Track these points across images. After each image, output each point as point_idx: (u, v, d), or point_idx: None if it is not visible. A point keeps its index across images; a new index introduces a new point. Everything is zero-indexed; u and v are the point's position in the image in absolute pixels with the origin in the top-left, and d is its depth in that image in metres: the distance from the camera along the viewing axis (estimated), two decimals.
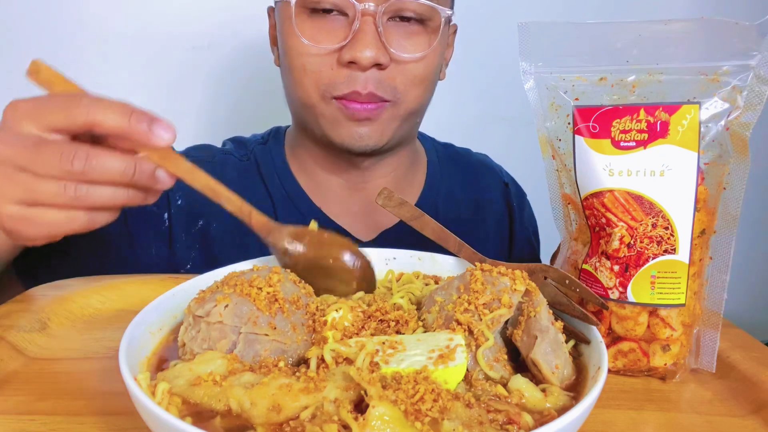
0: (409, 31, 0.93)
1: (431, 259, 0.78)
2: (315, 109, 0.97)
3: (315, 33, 0.92)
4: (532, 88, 0.66)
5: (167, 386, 0.47)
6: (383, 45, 0.90)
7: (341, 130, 0.97)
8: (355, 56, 0.88)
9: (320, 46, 0.91)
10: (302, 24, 0.92)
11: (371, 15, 0.88)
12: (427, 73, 0.97)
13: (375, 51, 0.89)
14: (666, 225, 0.60)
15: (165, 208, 1.04)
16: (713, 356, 0.63)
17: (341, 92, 0.92)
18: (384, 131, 0.98)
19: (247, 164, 1.11)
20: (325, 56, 0.92)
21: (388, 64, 0.92)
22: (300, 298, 0.59)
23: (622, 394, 0.61)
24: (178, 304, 0.62)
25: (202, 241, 1.04)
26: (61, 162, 0.55)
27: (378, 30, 0.89)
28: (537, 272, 0.64)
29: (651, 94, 0.61)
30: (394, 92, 0.95)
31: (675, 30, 0.61)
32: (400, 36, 0.93)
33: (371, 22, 0.89)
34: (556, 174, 0.68)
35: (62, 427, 0.52)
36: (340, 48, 0.91)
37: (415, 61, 0.94)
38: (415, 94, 0.97)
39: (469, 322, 0.54)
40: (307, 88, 0.95)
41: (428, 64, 0.96)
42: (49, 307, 0.73)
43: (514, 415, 0.47)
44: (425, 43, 0.94)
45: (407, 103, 0.98)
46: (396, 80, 0.94)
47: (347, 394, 0.46)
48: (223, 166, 1.09)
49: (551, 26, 0.65)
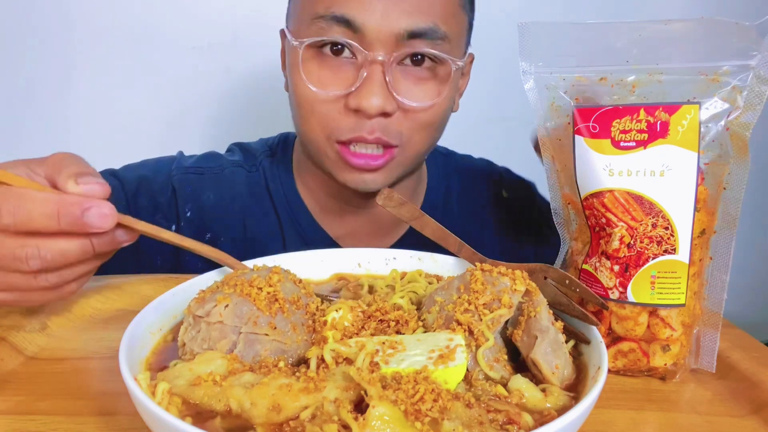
0: (418, 77, 0.91)
1: (431, 259, 0.78)
2: (320, 147, 0.95)
3: (323, 78, 0.89)
4: (532, 88, 0.66)
5: (167, 386, 0.47)
6: (390, 93, 0.88)
7: (345, 174, 0.95)
8: (362, 105, 0.86)
9: (327, 92, 0.89)
10: (310, 69, 0.90)
11: (379, 63, 0.86)
12: (434, 119, 0.95)
13: (381, 100, 0.86)
14: (666, 225, 0.60)
15: (174, 220, 1.04)
16: (713, 356, 0.63)
17: (346, 137, 0.91)
18: (388, 177, 0.97)
19: (255, 176, 1.11)
20: (331, 102, 0.90)
21: (395, 112, 0.90)
22: (300, 298, 0.59)
23: (622, 394, 0.61)
24: (178, 304, 0.62)
25: None
26: (18, 264, 0.56)
27: (386, 79, 0.87)
28: (537, 272, 0.64)
29: (651, 94, 0.61)
30: (400, 137, 0.93)
31: (675, 30, 0.61)
32: (410, 83, 0.90)
33: (379, 70, 0.86)
34: (556, 174, 0.68)
35: (62, 427, 0.52)
36: (347, 94, 0.88)
37: (423, 109, 0.91)
38: (420, 138, 0.95)
39: (469, 322, 0.54)
40: (314, 127, 0.94)
41: (436, 111, 0.94)
42: (49, 307, 0.73)
43: (514, 415, 0.47)
44: (434, 91, 0.92)
45: (413, 146, 0.96)
46: (402, 126, 0.92)
47: (347, 394, 0.46)
48: (232, 178, 1.09)
49: (551, 26, 0.65)
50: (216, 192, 1.06)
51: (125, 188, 1.04)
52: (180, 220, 1.04)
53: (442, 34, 0.87)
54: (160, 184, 1.06)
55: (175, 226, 1.04)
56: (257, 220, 1.07)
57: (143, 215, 1.00)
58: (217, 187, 1.07)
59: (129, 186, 1.04)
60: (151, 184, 1.06)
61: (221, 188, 1.07)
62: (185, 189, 1.06)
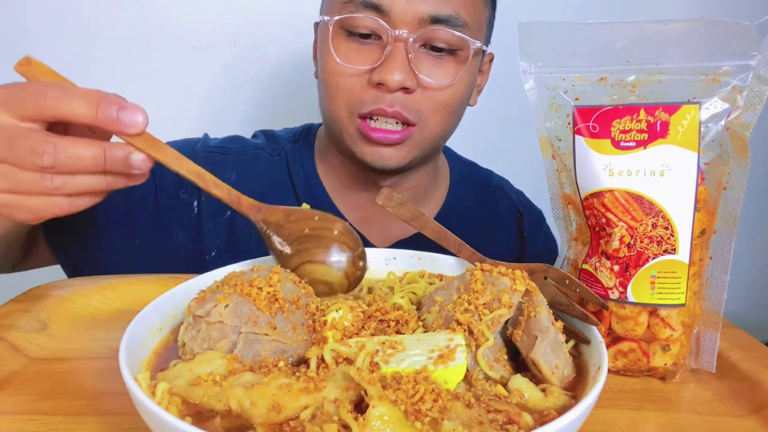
0: (438, 60, 0.96)
1: (431, 259, 0.78)
2: (342, 123, 1.00)
3: (349, 54, 0.95)
4: (532, 88, 0.66)
5: (167, 386, 0.47)
6: (412, 70, 0.93)
7: (364, 148, 1.00)
8: (384, 78, 0.92)
9: (353, 67, 0.95)
10: (338, 45, 0.96)
11: (403, 41, 0.92)
12: (452, 101, 0.99)
13: (403, 75, 0.92)
14: (666, 225, 0.60)
15: (195, 195, 1.07)
16: (713, 356, 0.63)
17: (367, 109, 0.95)
18: (406, 154, 1.01)
19: (277, 160, 1.14)
20: (356, 76, 0.95)
21: (415, 89, 0.95)
22: (300, 298, 0.59)
23: (622, 394, 0.61)
24: (178, 304, 0.62)
25: (228, 230, 1.07)
26: (32, 158, 0.56)
27: (408, 56, 0.92)
28: (537, 272, 0.64)
29: (651, 94, 0.61)
30: (419, 115, 0.97)
31: (675, 30, 0.61)
32: (429, 63, 0.96)
33: (402, 48, 0.92)
34: (556, 174, 0.68)
35: (62, 427, 0.52)
36: (371, 70, 0.94)
37: (441, 88, 0.96)
38: (438, 119, 1.00)
39: (469, 322, 0.54)
40: (338, 104, 0.99)
41: (454, 92, 0.98)
42: (49, 307, 0.73)
43: (514, 415, 0.47)
44: (453, 72, 0.97)
45: (431, 127, 1.00)
46: (421, 104, 0.97)
47: (347, 394, 0.46)
48: (255, 160, 1.13)
49: (551, 26, 0.65)
50: (238, 172, 1.09)
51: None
52: (202, 195, 1.07)
53: (462, 22, 0.94)
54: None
55: (197, 202, 1.07)
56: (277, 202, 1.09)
57: (169, 191, 1.06)
58: (240, 167, 1.11)
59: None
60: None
61: (243, 168, 1.11)
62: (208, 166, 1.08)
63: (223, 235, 1.07)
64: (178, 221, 1.06)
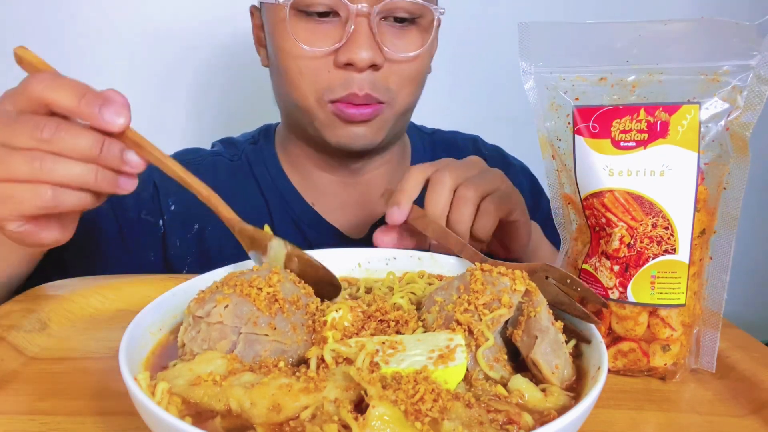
0: (402, 31, 0.94)
1: (431, 258, 0.78)
2: (311, 111, 0.96)
3: (309, 36, 0.91)
4: (532, 88, 0.66)
5: (167, 386, 0.47)
6: (378, 45, 0.90)
7: (337, 131, 0.97)
8: (352, 58, 0.88)
9: (316, 49, 0.91)
10: (296, 26, 0.91)
11: (365, 16, 0.88)
12: (419, 72, 0.98)
13: (371, 52, 0.89)
14: (666, 225, 0.60)
15: (159, 215, 1.04)
16: (713, 356, 0.63)
17: (338, 95, 0.92)
18: (379, 131, 0.99)
19: (239, 164, 1.11)
20: (320, 59, 0.91)
21: (383, 65, 0.92)
22: (300, 298, 0.59)
23: (622, 394, 0.61)
24: (178, 304, 0.62)
25: (198, 245, 1.04)
26: (33, 130, 0.56)
27: (372, 31, 0.89)
28: (539, 272, 0.63)
29: (651, 94, 0.61)
30: (388, 92, 0.95)
31: (675, 30, 0.61)
32: (394, 36, 0.93)
33: (365, 23, 0.89)
34: (556, 174, 0.68)
35: (62, 427, 0.52)
36: (336, 50, 0.90)
37: (408, 60, 0.94)
38: (407, 92, 0.98)
39: (469, 322, 0.54)
40: (304, 91, 0.95)
41: (420, 63, 0.97)
42: (49, 307, 0.73)
43: (514, 415, 0.47)
44: (418, 42, 0.95)
45: (400, 102, 0.98)
46: (389, 80, 0.94)
47: (347, 394, 0.46)
48: (213, 168, 1.09)
49: (551, 26, 0.65)
50: None
51: None
52: (164, 213, 1.04)
53: None
54: (141, 180, 1.03)
55: (162, 221, 1.04)
56: (244, 205, 1.00)
57: (129, 213, 1.02)
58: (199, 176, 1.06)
59: None
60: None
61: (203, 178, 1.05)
62: (167, 181, 1.05)
63: (192, 251, 1.04)
64: (146, 243, 1.03)
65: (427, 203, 0.80)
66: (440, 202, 0.79)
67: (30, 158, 0.56)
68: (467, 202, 0.79)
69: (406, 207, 0.80)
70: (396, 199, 0.81)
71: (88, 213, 0.94)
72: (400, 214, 0.80)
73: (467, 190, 0.80)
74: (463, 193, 0.80)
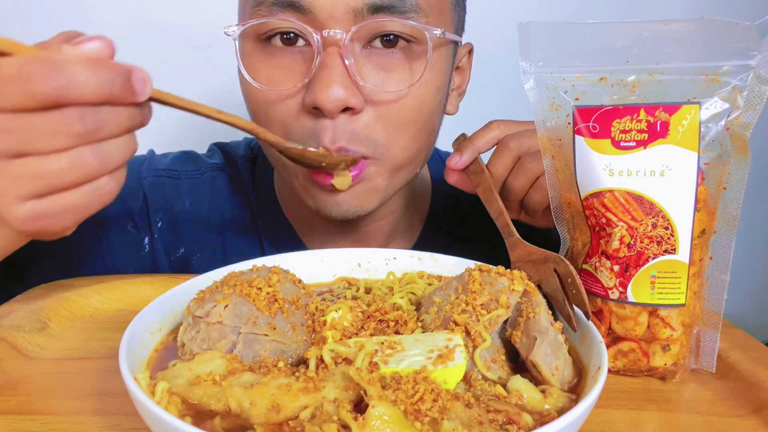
0: (388, 61, 0.73)
1: (431, 259, 0.78)
2: (287, 170, 0.80)
3: (272, 72, 0.73)
4: (532, 88, 0.66)
5: (167, 386, 0.47)
6: (353, 81, 0.70)
7: (316, 198, 0.79)
8: (318, 99, 0.68)
9: (275, 90, 0.73)
10: (257, 63, 0.74)
11: (336, 44, 0.69)
12: (417, 113, 0.76)
13: (342, 90, 0.68)
14: (666, 225, 0.60)
15: (146, 231, 0.93)
16: (713, 356, 0.63)
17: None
18: (367, 196, 0.80)
19: (237, 181, 0.99)
20: (288, 102, 0.73)
21: (362, 107, 0.72)
22: (300, 298, 0.59)
23: (622, 394, 0.61)
24: (178, 304, 0.62)
25: (182, 270, 0.94)
26: (68, 125, 0.44)
27: (345, 63, 0.69)
28: (549, 262, 0.61)
29: (651, 94, 0.61)
30: (374, 145, 0.75)
31: (675, 30, 0.61)
32: (376, 68, 0.73)
33: (336, 53, 0.69)
34: (556, 174, 0.68)
35: (62, 427, 0.52)
36: (302, 89, 0.72)
37: (397, 99, 0.73)
38: (403, 143, 0.77)
39: (467, 322, 0.54)
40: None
41: (417, 102, 0.75)
42: (49, 307, 0.73)
43: (513, 415, 0.47)
44: (409, 74, 0.74)
45: (393, 157, 0.78)
46: (375, 129, 0.74)
47: (347, 394, 0.46)
48: (212, 184, 0.97)
49: (551, 26, 0.65)
50: (192, 199, 0.92)
51: None
52: (153, 232, 0.92)
53: (412, 5, 0.70)
54: (130, 189, 0.91)
55: (148, 239, 0.92)
56: (236, 235, 0.95)
57: (113, 226, 0.90)
58: (194, 193, 0.94)
59: None
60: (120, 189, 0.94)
61: (198, 195, 0.94)
62: (157, 195, 0.93)
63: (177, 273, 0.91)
64: (128, 259, 0.91)
65: (490, 162, 0.80)
66: (500, 166, 0.79)
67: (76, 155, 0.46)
68: (526, 173, 0.78)
69: (468, 159, 0.80)
70: (463, 147, 0.81)
71: None
72: (459, 163, 0.80)
73: (531, 161, 0.78)
74: (525, 163, 0.78)
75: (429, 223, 1.03)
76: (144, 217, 0.92)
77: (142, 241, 0.92)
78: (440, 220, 1.04)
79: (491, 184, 0.77)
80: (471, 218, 1.03)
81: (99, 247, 0.89)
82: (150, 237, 0.93)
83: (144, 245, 0.92)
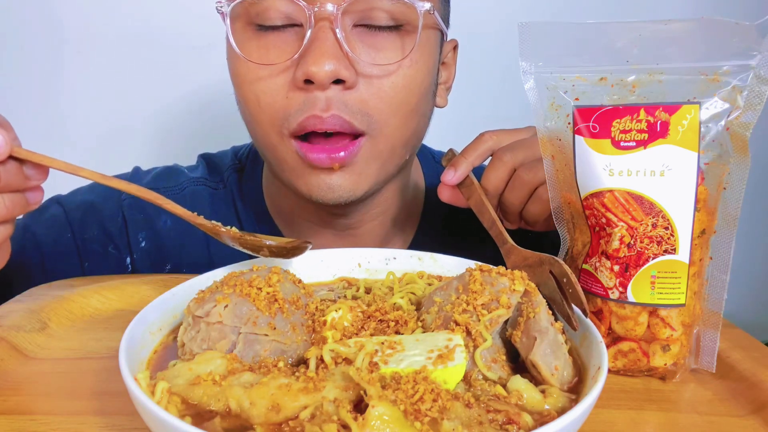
0: (380, 41, 0.75)
1: (431, 259, 0.78)
2: (275, 152, 0.80)
3: (263, 52, 0.74)
4: (532, 88, 0.66)
5: (166, 385, 0.47)
6: (345, 54, 0.72)
7: (308, 180, 0.79)
8: (309, 70, 0.70)
9: (266, 65, 0.74)
10: (248, 42, 0.76)
11: (327, 19, 0.71)
12: (408, 93, 0.78)
13: (333, 61, 0.70)
14: (666, 225, 0.60)
15: (126, 251, 0.93)
16: (713, 356, 0.63)
17: (297, 121, 0.74)
18: (360, 178, 0.80)
19: (221, 194, 0.98)
20: (278, 79, 0.74)
21: (354, 80, 0.73)
22: (300, 298, 0.59)
23: (622, 394, 0.61)
24: (178, 304, 0.62)
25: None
26: None
27: (337, 36, 0.71)
28: (545, 264, 0.62)
29: (651, 94, 0.61)
30: (367, 120, 0.76)
31: (675, 30, 0.61)
32: (367, 45, 0.75)
33: (328, 27, 0.71)
34: (556, 174, 0.68)
35: (62, 427, 0.52)
36: (292, 66, 0.72)
37: (389, 74, 0.75)
38: (396, 122, 0.78)
39: (467, 322, 0.54)
40: (264, 125, 0.78)
41: (409, 79, 0.77)
42: (49, 307, 0.73)
43: (513, 415, 0.47)
44: (400, 49, 0.76)
45: (387, 135, 0.79)
46: (368, 103, 0.75)
47: (347, 394, 0.46)
48: (193, 198, 0.96)
49: (551, 26, 0.65)
50: (174, 216, 0.91)
51: (69, 217, 0.92)
52: (133, 251, 0.92)
53: None
54: (109, 211, 0.93)
55: (129, 259, 0.92)
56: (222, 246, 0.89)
57: (94, 247, 0.91)
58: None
59: (73, 214, 0.92)
60: (99, 211, 0.93)
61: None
62: (137, 215, 0.93)
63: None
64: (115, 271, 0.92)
65: (484, 177, 0.78)
66: (495, 180, 0.77)
67: None
68: (523, 186, 0.77)
69: (463, 173, 0.78)
70: (456, 162, 0.79)
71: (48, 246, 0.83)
72: (454, 178, 0.78)
73: (527, 173, 0.76)
74: (521, 175, 0.76)
75: (423, 224, 1.03)
76: (123, 237, 0.93)
77: (123, 261, 0.93)
78: (434, 221, 1.03)
79: (482, 195, 0.77)
80: (465, 218, 1.02)
81: (81, 273, 0.91)
82: (130, 257, 0.93)
83: (126, 265, 0.94)
